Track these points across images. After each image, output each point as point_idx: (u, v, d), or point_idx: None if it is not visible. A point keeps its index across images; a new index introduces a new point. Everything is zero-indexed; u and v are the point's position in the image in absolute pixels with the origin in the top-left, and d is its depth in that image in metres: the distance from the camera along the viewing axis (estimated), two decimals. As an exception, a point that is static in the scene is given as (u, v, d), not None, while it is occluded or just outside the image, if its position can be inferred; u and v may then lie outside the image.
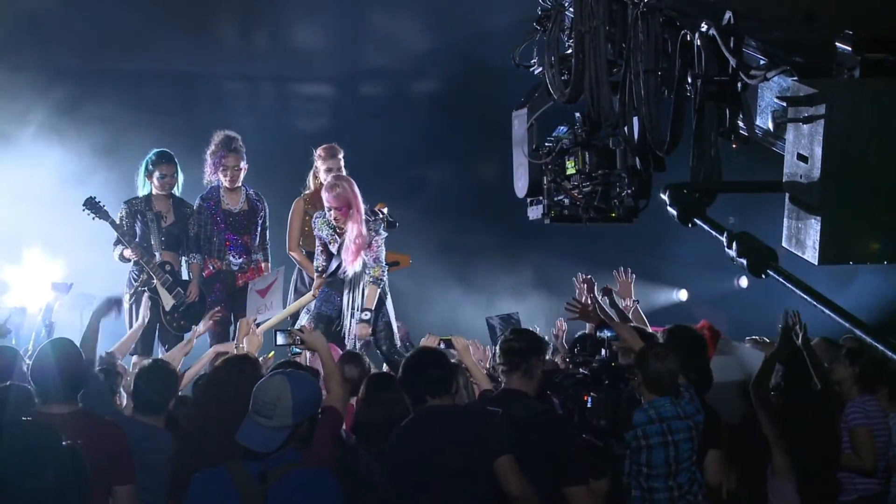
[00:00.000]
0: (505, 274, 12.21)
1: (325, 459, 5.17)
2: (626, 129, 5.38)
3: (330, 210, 8.39)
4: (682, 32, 4.88)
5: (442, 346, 6.59)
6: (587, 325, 7.14)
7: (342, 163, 9.05)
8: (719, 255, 3.94)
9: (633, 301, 7.40)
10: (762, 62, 4.49)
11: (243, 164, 8.97)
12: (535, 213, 6.32)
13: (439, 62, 12.40)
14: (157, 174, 8.73)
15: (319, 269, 8.67)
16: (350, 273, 8.43)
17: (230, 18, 12.55)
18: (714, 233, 4.00)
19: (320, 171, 8.96)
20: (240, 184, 9.00)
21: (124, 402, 6.19)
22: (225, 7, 12.43)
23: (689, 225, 4.18)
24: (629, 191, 6.20)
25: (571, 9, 5.98)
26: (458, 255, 12.32)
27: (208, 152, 8.98)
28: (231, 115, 11.50)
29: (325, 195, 8.42)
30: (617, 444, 4.84)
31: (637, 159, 5.92)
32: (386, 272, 8.62)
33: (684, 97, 4.92)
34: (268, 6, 12.38)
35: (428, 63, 12.54)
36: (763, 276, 3.79)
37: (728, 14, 4.62)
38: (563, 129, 6.20)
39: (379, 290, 8.57)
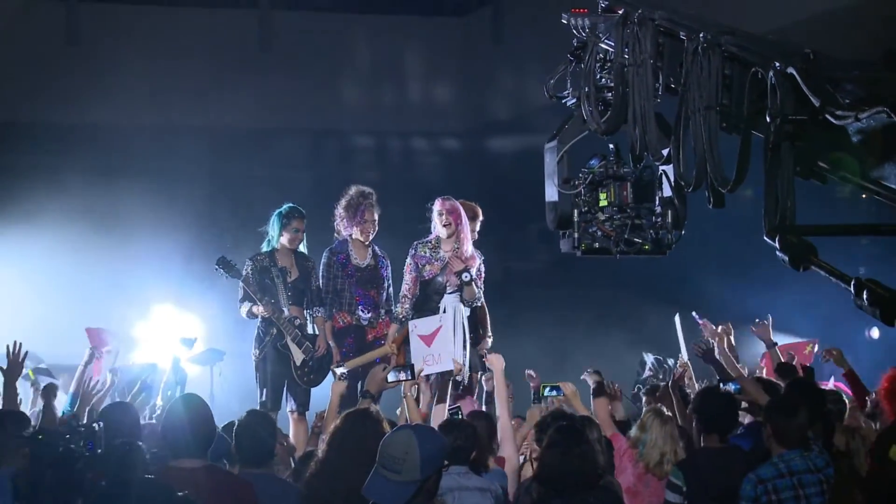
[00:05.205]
0: (649, 318, 11.81)
1: None
2: (679, 164, 5.30)
3: (441, 215, 8.11)
4: (753, 70, 4.81)
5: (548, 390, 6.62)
6: None
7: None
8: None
9: (773, 343, 7.64)
10: (846, 101, 4.45)
11: (377, 218, 8.78)
12: (566, 245, 6.22)
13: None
14: (290, 229, 8.45)
15: (402, 316, 8.22)
16: (457, 282, 7.94)
17: (356, 75, 12.84)
18: (836, 280, 3.92)
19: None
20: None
21: None
22: (350, 64, 12.70)
23: (801, 270, 4.11)
24: (661, 221, 6.17)
25: (607, 40, 5.91)
26: (590, 305, 12.29)
27: (341, 206, 8.65)
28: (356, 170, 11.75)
29: (437, 204, 8.14)
30: None
31: (676, 194, 5.90)
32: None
33: (751, 135, 4.87)
34: (392, 63, 12.66)
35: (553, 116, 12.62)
36: (897, 325, 3.74)
37: (807, 51, 4.57)
38: (595, 161, 6.12)
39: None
